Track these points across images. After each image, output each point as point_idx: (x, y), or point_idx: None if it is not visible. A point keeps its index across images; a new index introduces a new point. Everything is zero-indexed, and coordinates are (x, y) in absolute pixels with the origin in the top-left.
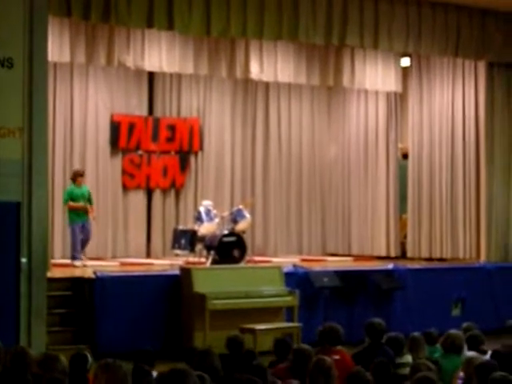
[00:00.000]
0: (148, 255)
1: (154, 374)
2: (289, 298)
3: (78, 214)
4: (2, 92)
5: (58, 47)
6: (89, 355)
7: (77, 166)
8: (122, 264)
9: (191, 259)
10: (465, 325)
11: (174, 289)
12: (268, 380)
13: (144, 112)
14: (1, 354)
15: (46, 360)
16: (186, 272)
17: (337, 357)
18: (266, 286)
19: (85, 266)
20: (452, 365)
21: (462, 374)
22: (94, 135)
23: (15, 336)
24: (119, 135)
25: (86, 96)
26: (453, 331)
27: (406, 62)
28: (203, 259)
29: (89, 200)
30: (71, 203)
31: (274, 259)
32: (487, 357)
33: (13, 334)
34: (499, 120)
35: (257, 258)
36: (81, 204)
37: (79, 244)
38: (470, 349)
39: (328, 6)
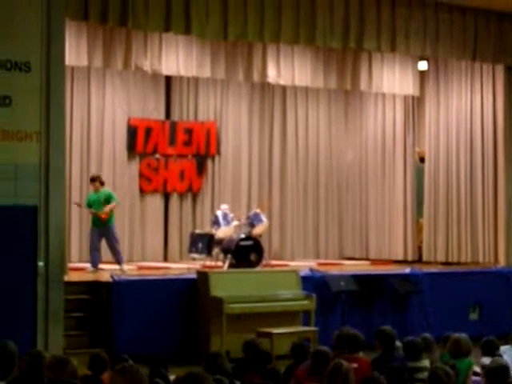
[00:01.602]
0: (165, 259)
1: (171, 377)
2: (306, 302)
3: (94, 221)
4: (20, 96)
5: (75, 51)
6: (106, 358)
7: (94, 170)
8: (139, 268)
9: (208, 263)
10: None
11: (191, 293)
12: None
13: (161, 116)
14: (16, 358)
15: (56, 363)
16: (203, 276)
17: (355, 365)
18: (282, 290)
19: (93, 271)
20: (464, 367)
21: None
22: (111, 139)
23: (32, 340)
24: (136, 139)
25: (103, 100)
26: (458, 335)
27: (423, 65)
28: (220, 263)
29: (107, 201)
30: (88, 209)
31: (291, 263)
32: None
33: (30, 337)
34: None
35: (274, 262)
36: (91, 210)
37: (94, 249)
38: (485, 354)
39: (345, 10)
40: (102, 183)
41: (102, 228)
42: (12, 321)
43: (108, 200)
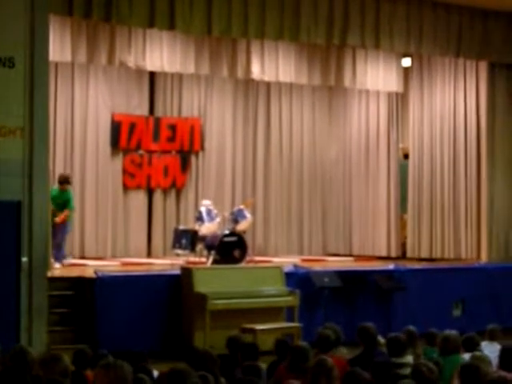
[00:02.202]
0: (149, 255)
1: (155, 373)
2: (289, 298)
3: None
4: (3, 91)
5: (59, 47)
6: (89, 354)
7: (77, 166)
8: (123, 264)
9: (192, 259)
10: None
11: (175, 289)
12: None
13: (145, 112)
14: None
15: (48, 360)
16: (186, 272)
17: None
18: (266, 286)
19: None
20: (451, 364)
21: None
22: (95, 135)
23: (16, 335)
24: (120, 135)
25: (87, 96)
26: (449, 332)
27: (407, 62)
28: (204, 259)
29: (65, 205)
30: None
31: (275, 259)
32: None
33: (13, 333)
34: (500, 120)
35: (257, 258)
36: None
37: (55, 245)
38: (466, 351)
39: (329, 6)
40: (70, 184)
41: (57, 225)
42: None
43: (65, 204)
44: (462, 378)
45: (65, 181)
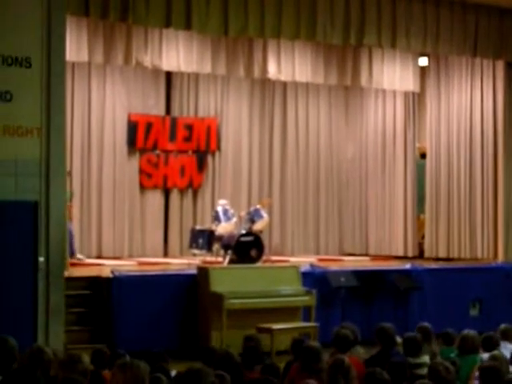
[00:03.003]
0: (165, 255)
1: (172, 373)
2: (306, 298)
3: None
4: (21, 92)
5: (75, 47)
6: (108, 353)
7: (94, 166)
8: (140, 263)
9: (208, 259)
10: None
11: (192, 288)
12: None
13: (161, 112)
14: (16, 354)
15: (68, 361)
16: (203, 271)
17: None
18: (283, 286)
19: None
20: (468, 364)
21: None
22: (112, 135)
23: (33, 335)
24: (136, 135)
25: (104, 96)
26: (467, 332)
27: (423, 61)
28: (220, 259)
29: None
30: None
31: (292, 259)
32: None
33: (30, 333)
34: None
35: (274, 258)
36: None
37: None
38: (485, 350)
39: (346, 6)
40: None
41: None
42: (12, 316)
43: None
44: (482, 379)
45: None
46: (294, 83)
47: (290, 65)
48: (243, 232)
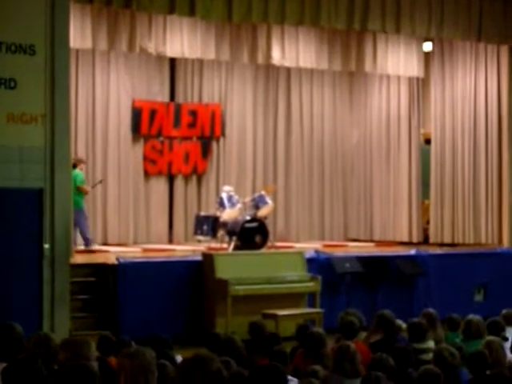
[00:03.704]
0: (170, 241)
1: (178, 359)
2: (311, 284)
3: (83, 199)
4: (25, 79)
5: (79, 34)
6: (113, 340)
7: (99, 153)
8: (145, 250)
9: (213, 245)
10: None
11: (196, 275)
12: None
13: (165, 98)
14: (23, 340)
15: (73, 345)
16: (208, 258)
17: None
18: (288, 272)
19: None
20: (473, 349)
21: None
22: (116, 121)
23: (38, 322)
24: (141, 121)
25: (108, 82)
26: (472, 317)
27: (428, 46)
28: (225, 245)
29: None
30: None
31: (296, 245)
32: (508, 344)
33: (36, 320)
34: None
35: (279, 244)
36: (88, 188)
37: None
38: (490, 335)
39: None
40: (75, 166)
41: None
42: (18, 303)
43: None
44: (469, 367)
45: (81, 161)
46: (298, 69)
47: (294, 50)
48: (248, 218)
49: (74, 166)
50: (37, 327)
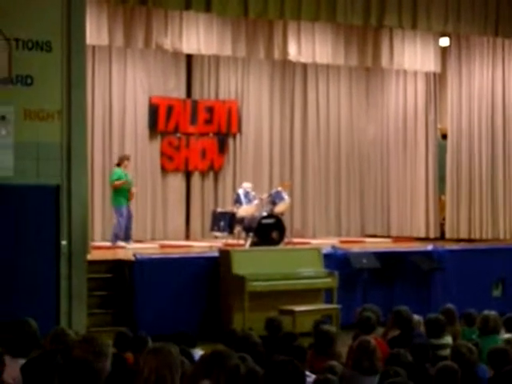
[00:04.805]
0: (187, 237)
1: (196, 355)
2: (328, 280)
3: (126, 197)
4: (41, 75)
5: (96, 30)
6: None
7: (116, 149)
8: (162, 246)
9: (230, 241)
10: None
11: (213, 271)
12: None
13: (182, 94)
14: (37, 336)
15: (85, 342)
16: (225, 254)
17: None
18: (304, 268)
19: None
20: (489, 345)
21: None
22: (133, 118)
23: (55, 318)
24: (158, 118)
25: (125, 79)
26: (488, 312)
27: (445, 41)
28: (242, 241)
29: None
30: (117, 182)
31: (313, 241)
32: None
33: (53, 316)
34: None
35: (296, 240)
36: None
37: (124, 226)
38: (508, 331)
39: None
40: (119, 165)
41: (127, 205)
42: (35, 300)
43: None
44: (490, 362)
45: (125, 158)
46: (314, 65)
47: (310, 46)
48: (264, 214)
49: (119, 165)
50: (54, 323)
